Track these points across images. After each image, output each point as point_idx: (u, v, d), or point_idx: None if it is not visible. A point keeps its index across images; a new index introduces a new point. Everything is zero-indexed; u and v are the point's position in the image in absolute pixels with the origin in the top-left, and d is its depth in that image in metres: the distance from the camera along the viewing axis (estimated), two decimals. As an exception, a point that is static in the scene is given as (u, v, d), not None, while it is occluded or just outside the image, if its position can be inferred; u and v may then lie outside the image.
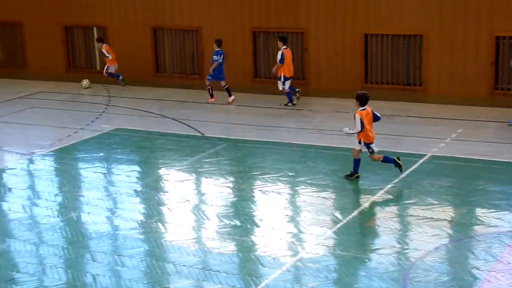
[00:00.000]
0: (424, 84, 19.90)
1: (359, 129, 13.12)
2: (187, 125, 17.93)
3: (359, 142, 13.40)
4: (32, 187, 13.99)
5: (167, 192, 13.53)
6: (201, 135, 17.11)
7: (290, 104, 19.69)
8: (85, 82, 22.85)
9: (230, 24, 21.89)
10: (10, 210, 12.68)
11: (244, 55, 21.83)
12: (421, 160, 14.57)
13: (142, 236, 11.40)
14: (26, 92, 22.36)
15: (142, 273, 10.08)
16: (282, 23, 21.17)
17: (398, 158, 13.54)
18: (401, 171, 13.58)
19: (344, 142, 15.20)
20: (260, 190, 13.26)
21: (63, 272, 10.17)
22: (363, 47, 20.35)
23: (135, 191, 13.50)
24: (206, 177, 14.19)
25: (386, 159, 13.51)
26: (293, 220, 11.95)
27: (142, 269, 10.20)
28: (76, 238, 11.36)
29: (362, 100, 13.21)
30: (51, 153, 16.09)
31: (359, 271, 9.96)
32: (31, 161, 15.55)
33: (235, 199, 13.01)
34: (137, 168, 15.07)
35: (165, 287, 9.62)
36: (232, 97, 20.26)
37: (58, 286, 9.73)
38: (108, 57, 22.56)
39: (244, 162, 15.03)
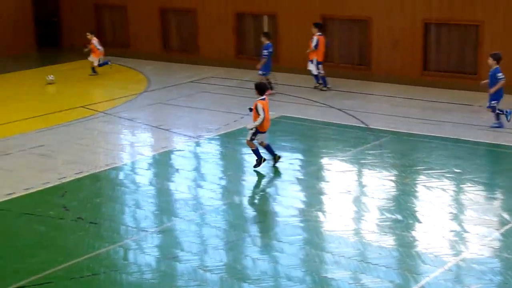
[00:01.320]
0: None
1: (262, 116, 13.51)
2: (352, 116, 17.78)
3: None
4: (197, 169, 14.41)
5: (328, 181, 13.49)
6: (365, 126, 16.91)
7: (325, 88, 20.51)
8: (50, 78, 22.68)
9: (401, 15, 21.45)
10: (176, 190, 13.13)
11: (414, 46, 21.33)
12: None
13: (301, 224, 11.44)
14: (197, 76, 23.07)
15: (300, 261, 10.12)
16: (456, 15, 20.50)
17: (279, 157, 13.98)
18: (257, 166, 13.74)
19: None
20: (424, 186, 12.91)
21: (224, 253, 10.40)
22: None
23: (297, 178, 13.56)
24: (369, 169, 14.00)
25: (256, 151, 13.76)
26: (457, 218, 11.53)
27: (301, 257, 10.23)
28: (237, 221, 11.58)
29: (260, 90, 13.72)
30: (217, 137, 16.49)
31: (527, 277, 9.47)
32: (198, 144, 16.02)
33: (397, 193, 12.76)
34: (300, 156, 15.13)
35: (323, 276, 9.60)
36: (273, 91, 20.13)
37: (218, 267, 9.96)
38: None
39: (408, 156, 14.69)
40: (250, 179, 13.56)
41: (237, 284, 9.45)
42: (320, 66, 20.52)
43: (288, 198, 12.54)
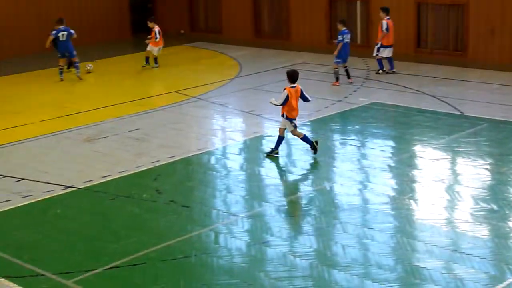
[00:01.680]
0: None
1: (281, 103, 13.73)
2: (446, 103, 17.39)
3: (282, 116, 13.89)
4: (288, 155, 14.40)
5: (421, 169, 13.24)
6: (460, 113, 16.51)
7: (381, 71, 20.65)
8: (89, 67, 22.65)
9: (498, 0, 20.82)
10: (267, 176, 13.17)
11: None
12: None
13: (393, 212, 11.28)
14: (289, 62, 23.01)
15: (391, 249, 9.99)
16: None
17: (316, 142, 13.92)
18: (315, 153, 13.83)
19: None
20: (522, 175, 12.52)
21: (314, 239, 10.37)
22: None
23: (389, 166, 13.38)
24: (463, 157, 13.67)
25: (305, 139, 13.93)
26: (557, 209, 11.13)
27: (392, 245, 10.10)
28: (328, 207, 11.53)
29: (292, 78, 13.97)
30: (308, 123, 16.44)
31: None
32: (289, 130, 15.99)
33: (493, 182, 12.41)
34: (391, 143, 14.92)
35: (415, 265, 9.44)
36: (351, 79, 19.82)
37: (308, 253, 9.94)
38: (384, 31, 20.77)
39: (505, 145, 14.26)
40: (340, 166, 13.47)
41: (327, 271, 9.41)
42: (381, 49, 20.54)
43: (379, 186, 12.39)
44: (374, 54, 20.76)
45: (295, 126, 14.07)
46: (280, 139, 14.06)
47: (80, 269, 9.75)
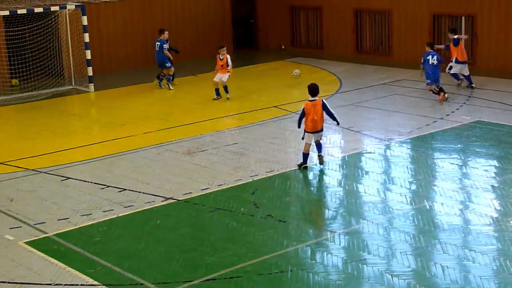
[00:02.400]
0: None
1: (300, 115, 14.47)
2: (555, 122, 16.77)
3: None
4: (387, 172, 14.21)
5: (526, 191, 12.80)
6: None
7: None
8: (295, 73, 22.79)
9: None
10: (365, 193, 13.02)
11: None
12: None
13: (496, 234, 10.94)
14: (390, 79, 22.77)
15: (493, 272, 9.68)
16: None
17: (306, 167, 14.28)
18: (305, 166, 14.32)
19: None
20: None
21: (413, 259, 10.17)
22: None
23: (492, 186, 12.99)
24: None
25: (305, 156, 14.34)
26: None
27: (494, 268, 9.79)
28: (427, 227, 11.29)
29: (311, 92, 14.42)
30: (408, 140, 16.18)
31: None
32: (388, 147, 15.80)
33: None
34: (495, 163, 14.47)
35: (518, 290, 9.13)
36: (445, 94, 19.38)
37: (406, 273, 9.76)
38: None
39: None
40: (441, 185, 13.17)
41: (425, 292, 9.21)
42: (455, 64, 20.77)
43: (481, 206, 12.04)
44: (466, 73, 20.86)
45: (306, 138, 14.41)
46: (305, 155, 14.45)
47: (178, 280, 9.90)
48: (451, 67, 20.84)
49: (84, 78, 23.69)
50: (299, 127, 14.67)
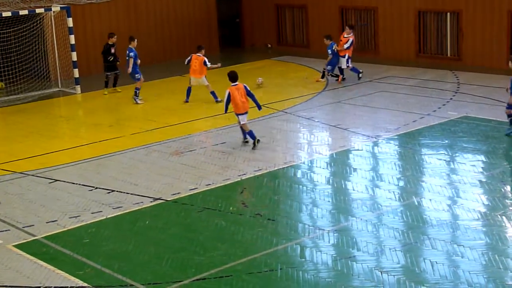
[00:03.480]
0: None
1: (225, 101, 15.82)
2: (540, 117, 16.83)
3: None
4: (375, 169, 14.24)
5: (514, 185, 12.88)
6: (555, 128, 15.96)
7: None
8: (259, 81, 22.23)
9: None
10: (354, 190, 13.05)
11: None
12: None
13: (484, 229, 10.99)
14: (376, 76, 22.83)
15: (482, 267, 9.72)
16: None
17: (258, 141, 15.73)
18: (253, 148, 15.62)
19: None
20: None
21: (402, 255, 10.20)
22: None
23: (480, 181, 13.05)
24: (559, 173, 13.22)
25: (251, 133, 15.79)
26: None
27: (483, 263, 9.83)
28: (416, 223, 11.32)
29: (231, 79, 15.97)
30: (396, 137, 16.22)
31: None
32: (376, 144, 15.84)
33: None
34: (483, 158, 14.54)
35: (508, 284, 9.17)
36: None
37: (395, 269, 9.79)
38: None
39: None
40: (429, 181, 13.22)
41: (415, 288, 9.25)
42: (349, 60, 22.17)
43: (469, 201, 12.09)
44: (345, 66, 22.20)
45: (241, 121, 15.78)
46: (250, 133, 15.87)
47: (168, 280, 9.89)
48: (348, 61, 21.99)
49: (70, 80, 23.64)
50: (225, 111, 16.06)
